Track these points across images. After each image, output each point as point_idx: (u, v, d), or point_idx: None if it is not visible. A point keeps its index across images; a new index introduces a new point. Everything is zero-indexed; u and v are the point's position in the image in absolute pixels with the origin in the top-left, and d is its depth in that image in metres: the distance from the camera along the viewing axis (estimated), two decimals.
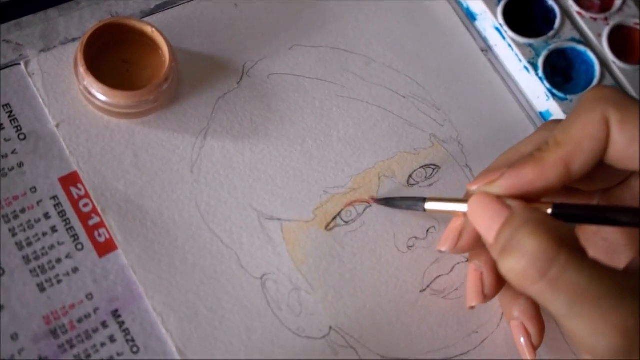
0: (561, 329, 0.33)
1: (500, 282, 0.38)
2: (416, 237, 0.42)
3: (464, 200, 0.38)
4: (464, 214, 0.38)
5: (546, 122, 0.40)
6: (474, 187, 0.36)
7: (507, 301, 0.40)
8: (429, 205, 0.40)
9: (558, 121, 0.37)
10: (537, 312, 0.39)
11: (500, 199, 0.35)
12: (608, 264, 0.32)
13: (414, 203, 0.41)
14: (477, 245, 0.39)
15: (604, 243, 0.39)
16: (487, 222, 0.35)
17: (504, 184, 0.35)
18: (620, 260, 0.38)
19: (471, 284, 0.39)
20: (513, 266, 0.32)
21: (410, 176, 0.44)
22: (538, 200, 0.35)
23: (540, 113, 0.48)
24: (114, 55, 0.41)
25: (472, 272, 0.39)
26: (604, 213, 0.35)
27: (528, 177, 0.35)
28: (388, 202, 0.42)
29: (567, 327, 0.32)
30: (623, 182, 0.38)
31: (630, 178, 0.37)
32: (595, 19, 0.51)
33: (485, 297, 0.39)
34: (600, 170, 0.36)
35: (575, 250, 0.31)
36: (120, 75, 0.40)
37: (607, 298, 0.30)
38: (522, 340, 0.39)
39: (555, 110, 0.48)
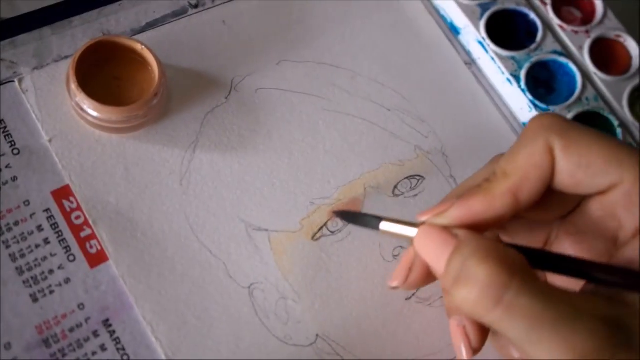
0: (522, 357, 0.33)
1: (485, 332, 0.37)
2: (401, 247, 0.43)
3: (415, 224, 0.36)
4: (413, 247, 0.37)
5: (495, 156, 0.39)
6: (423, 218, 0.36)
7: (503, 344, 0.39)
8: (384, 226, 0.37)
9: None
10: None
11: (447, 229, 0.34)
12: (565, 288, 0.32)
13: (370, 221, 0.38)
14: (428, 280, 0.38)
15: None
16: (435, 253, 0.34)
17: (453, 215, 0.35)
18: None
19: (457, 340, 0.37)
20: (466, 296, 0.31)
21: (395, 187, 0.45)
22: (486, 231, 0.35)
23: (524, 124, 0.50)
24: (105, 71, 0.42)
25: (455, 327, 0.37)
26: (544, 258, 0.35)
27: (477, 208, 0.34)
28: (344, 215, 0.41)
29: (528, 353, 0.31)
30: (577, 208, 0.38)
31: (583, 203, 0.37)
32: (576, 32, 0.52)
33: (475, 351, 0.37)
34: (552, 197, 0.36)
35: (527, 276, 0.31)
36: (111, 91, 0.41)
37: (564, 321, 0.30)
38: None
39: None
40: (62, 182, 0.40)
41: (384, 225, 0.37)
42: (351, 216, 0.41)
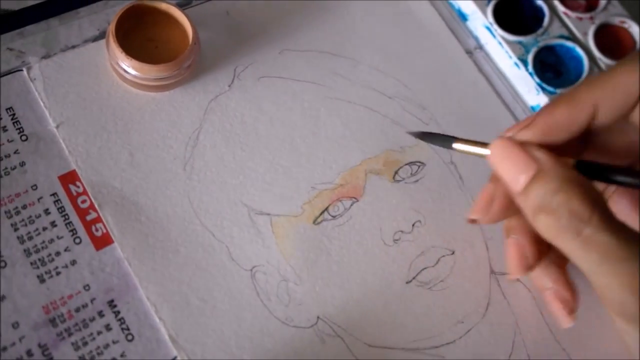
0: (592, 285, 0.34)
1: (540, 253, 0.40)
2: (402, 231, 0.44)
3: (489, 144, 0.38)
4: (493, 180, 0.39)
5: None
6: (510, 133, 0.37)
7: (539, 273, 0.41)
8: (457, 146, 0.39)
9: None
10: (569, 279, 0.41)
11: (525, 148, 0.36)
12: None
13: (444, 141, 0.40)
14: (507, 215, 0.40)
15: (628, 210, 0.40)
16: (513, 172, 0.35)
17: (537, 126, 0.36)
18: None
19: (513, 257, 0.40)
20: (550, 224, 0.34)
21: (396, 172, 0.45)
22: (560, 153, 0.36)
23: (532, 107, 0.50)
24: (140, 33, 0.44)
25: (513, 245, 0.40)
26: (619, 174, 0.36)
27: (559, 116, 0.36)
28: (420, 135, 0.43)
29: (597, 283, 0.33)
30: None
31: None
32: (581, 18, 0.53)
33: (530, 268, 0.40)
34: (625, 139, 0.38)
35: (606, 213, 0.33)
36: (148, 52, 0.43)
37: (635, 259, 0.32)
38: (559, 306, 0.41)
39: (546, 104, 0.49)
40: (69, 167, 0.41)
41: (458, 145, 0.39)
42: (426, 135, 0.42)
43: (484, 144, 0.38)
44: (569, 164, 0.36)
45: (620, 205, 0.41)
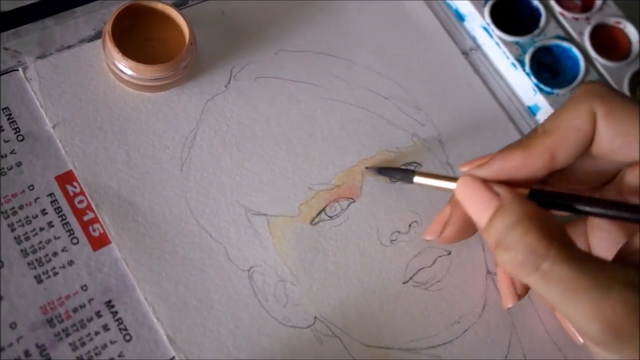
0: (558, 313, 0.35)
1: None
2: (399, 232, 0.44)
3: (452, 178, 0.39)
4: (450, 204, 0.41)
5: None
6: (464, 169, 0.39)
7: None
8: (417, 179, 0.41)
9: None
10: None
11: (488, 184, 0.36)
12: (599, 256, 0.34)
13: (404, 176, 0.42)
14: (460, 237, 0.41)
15: (607, 235, 0.40)
16: (477, 207, 0.36)
17: (492, 167, 0.37)
18: None
19: (503, 287, 0.42)
20: (509, 260, 0.34)
21: None
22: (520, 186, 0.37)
23: (529, 107, 0.51)
24: (137, 34, 0.44)
25: (502, 275, 0.42)
26: (572, 202, 0.37)
27: (514, 162, 0.37)
28: (379, 171, 0.44)
29: (562, 313, 0.33)
30: (612, 180, 0.39)
31: (619, 175, 0.39)
32: (577, 19, 0.53)
33: (519, 297, 0.41)
34: (589, 168, 0.38)
35: (564, 244, 0.33)
36: (145, 52, 0.43)
37: (596, 288, 0.32)
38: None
39: (543, 104, 0.50)
40: (66, 167, 0.41)
41: (418, 179, 0.41)
42: (385, 170, 0.44)
43: (444, 177, 0.40)
44: (524, 194, 0.37)
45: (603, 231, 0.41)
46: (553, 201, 0.37)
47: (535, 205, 0.35)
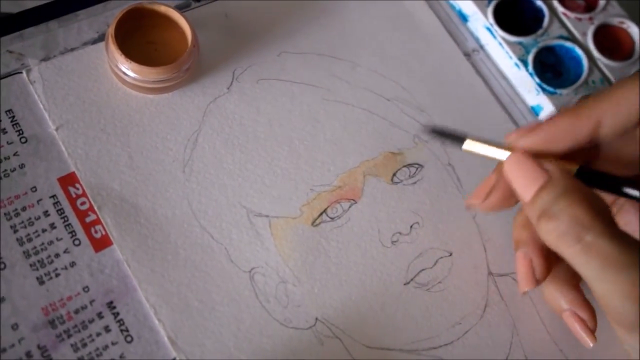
0: (592, 293, 0.34)
1: (549, 266, 0.40)
2: (400, 233, 0.44)
3: (503, 147, 0.39)
4: (497, 172, 0.40)
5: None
6: (512, 137, 0.38)
7: (553, 296, 0.42)
8: (467, 145, 0.40)
9: None
10: (584, 298, 0.41)
11: (538, 161, 0.37)
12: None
13: (455, 140, 0.40)
14: (503, 206, 0.41)
15: (635, 219, 0.41)
16: (525, 183, 0.36)
17: (539, 134, 0.37)
18: None
19: (522, 271, 0.41)
20: (553, 229, 0.34)
21: (394, 174, 0.46)
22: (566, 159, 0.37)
23: (532, 107, 0.51)
24: (140, 36, 0.44)
25: (521, 259, 0.41)
26: (619, 184, 0.37)
27: (562, 126, 0.37)
28: (432, 131, 0.41)
29: (598, 291, 0.34)
30: None
31: None
32: (580, 19, 0.53)
33: (537, 282, 0.41)
34: (635, 151, 0.38)
35: (608, 221, 0.33)
36: (148, 54, 0.44)
37: (635, 267, 0.32)
38: (579, 327, 0.41)
39: (546, 104, 0.50)
40: (68, 169, 0.41)
41: (468, 145, 0.40)
42: (438, 131, 0.42)
43: (496, 145, 0.39)
44: (572, 171, 0.37)
45: (627, 218, 0.41)
46: (600, 181, 0.37)
47: (581, 183, 0.35)
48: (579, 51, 0.51)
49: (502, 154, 0.38)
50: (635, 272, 0.32)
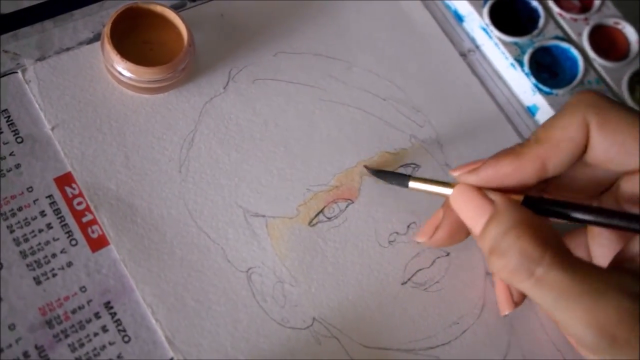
0: (552, 321, 0.34)
1: None
2: (397, 233, 0.44)
3: (447, 183, 0.39)
4: (443, 208, 0.41)
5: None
6: (456, 174, 0.39)
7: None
8: (412, 184, 0.41)
9: None
10: None
11: (482, 192, 0.37)
12: (596, 264, 0.34)
13: (400, 180, 0.42)
14: (451, 242, 0.42)
15: (607, 242, 0.40)
16: (471, 215, 0.36)
17: (482, 174, 0.37)
18: None
19: (500, 294, 0.42)
20: (503, 266, 0.34)
21: None
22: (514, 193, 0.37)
23: (528, 107, 0.51)
24: (135, 36, 0.44)
25: (500, 284, 0.42)
26: (566, 209, 0.37)
27: (505, 169, 0.37)
28: (375, 173, 0.44)
29: (556, 319, 0.33)
30: (610, 188, 0.39)
31: (616, 183, 0.39)
32: (575, 20, 0.53)
33: (516, 304, 0.41)
34: (586, 176, 0.38)
35: (559, 251, 0.33)
36: (143, 54, 0.43)
37: (589, 295, 0.32)
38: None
39: (542, 104, 0.50)
40: (64, 169, 0.41)
41: (413, 184, 0.41)
42: (381, 173, 0.43)
43: (439, 183, 0.40)
44: (518, 200, 0.37)
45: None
46: (547, 208, 0.37)
47: (529, 212, 0.35)
48: (574, 51, 0.52)
49: (447, 191, 0.39)
50: (590, 298, 0.32)
